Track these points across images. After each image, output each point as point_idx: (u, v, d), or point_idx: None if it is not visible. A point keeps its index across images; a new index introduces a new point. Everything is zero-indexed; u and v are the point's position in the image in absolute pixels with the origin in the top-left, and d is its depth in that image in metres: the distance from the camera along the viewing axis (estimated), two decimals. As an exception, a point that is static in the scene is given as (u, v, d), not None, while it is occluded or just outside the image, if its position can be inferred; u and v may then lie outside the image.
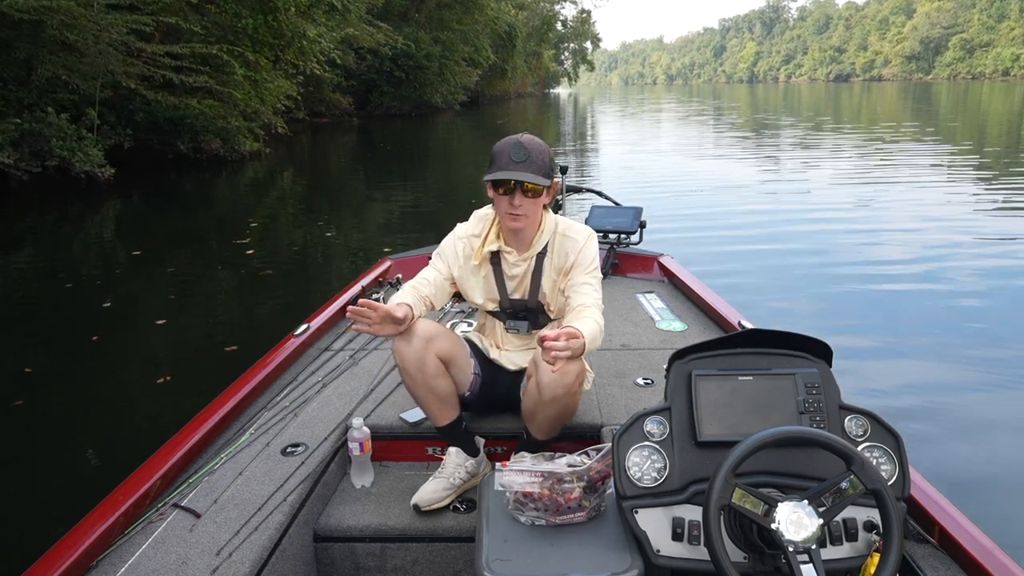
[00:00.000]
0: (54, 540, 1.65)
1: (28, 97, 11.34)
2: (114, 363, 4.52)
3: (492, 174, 1.96)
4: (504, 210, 1.99)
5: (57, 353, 4.73)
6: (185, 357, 4.59)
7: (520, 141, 1.96)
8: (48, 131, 10.73)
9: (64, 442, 3.43)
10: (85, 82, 12.09)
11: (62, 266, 7.10)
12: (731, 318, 3.00)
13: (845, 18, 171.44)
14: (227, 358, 4.39)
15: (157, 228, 9.13)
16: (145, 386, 4.08)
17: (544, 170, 1.96)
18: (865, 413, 1.57)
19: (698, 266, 4.57)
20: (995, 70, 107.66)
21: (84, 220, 9.93)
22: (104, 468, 3.28)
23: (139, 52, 12.70)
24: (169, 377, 4.12)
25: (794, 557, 1.28)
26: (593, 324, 1.92)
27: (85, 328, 5.10)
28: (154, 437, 2.15)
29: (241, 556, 1.67)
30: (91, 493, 1.91)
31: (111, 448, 3.43)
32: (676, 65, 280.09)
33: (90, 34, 11.45)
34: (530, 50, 63.21)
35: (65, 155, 10.84)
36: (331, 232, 8.32)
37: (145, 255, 7.42)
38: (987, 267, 6.10)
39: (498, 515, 1.66)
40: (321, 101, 26.07)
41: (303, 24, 15.88)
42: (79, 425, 3.63)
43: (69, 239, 8.64)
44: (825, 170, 12.43)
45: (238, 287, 6.19)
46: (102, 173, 11.32)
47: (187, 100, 13.61)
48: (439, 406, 2.08)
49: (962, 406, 3.66)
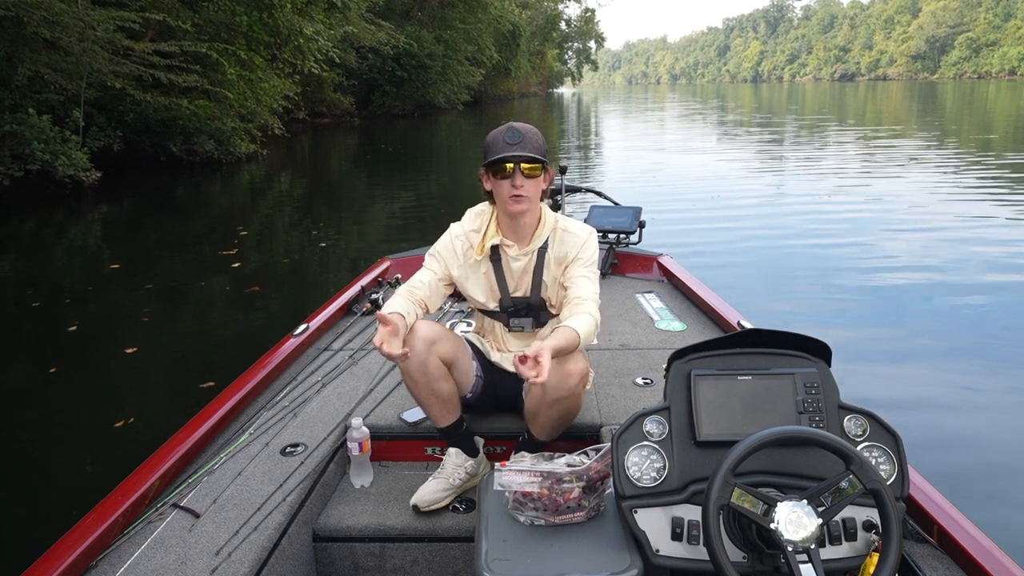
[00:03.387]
0: (53, 540, 1.65)
1: (9, 98, 10.87)
2: (69, 401, 3.95)
3: (489, 159, 1.96)
4: (505, 194, 1.98)
5: (3, 389, 4.17)
6: (152, 395, 4.05)
7: (513, 125, 1.97)
8: (29, 133, 10.22)
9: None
10: (69, 82, 11.63)
11: (33, 281, 6.57)
12: (730, 318, 3.00)
13: (850, 17, 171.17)
14: (201, 396, 3.36)
15: (141, 237, 8.67)
16: (99, 430, 3.55)
17: (540, 150, 1.96)
18: (864, 413, 1.57)
19: (697, 266, 4.56)
20: (1001, 69, 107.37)
21: (67, 228, 9.44)
22: (34, 528, 2.81)
23: (126, 51, 12.22)
24: (132, 419, 3.61)
25: (793, 557, 1.28)
26: (588, 319, 1.91)
27: (43, 357, 4.55)
28: (88, 499, 1.88)
29: (240, 556, 1.67)
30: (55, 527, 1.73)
31: (45, 503, 2.97)
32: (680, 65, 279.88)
33: (74, 31, 11.05)
34: (534, 49, 63.19)
35: (47, 159, 10.31)
36: (325, 243, 7.84)
37: (124, 268, 6.95)
38: (988, 268, 6.08)
39: (497, 515, 1.66)
40: (322, 101, 26.07)
41: (300, 22, 15.59)
42: (16, 475, 3.21)
43: (47, 249, 8.10)
44: (825, 170, 12.41)
45: (221, 306, 5.71)
46: (87, 177, 10.80)
47: (178, 100, 13.20)
48: (441, 408, 2.07)
49: (962, 406, 3.65)
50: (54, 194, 10.57)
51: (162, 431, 2.18)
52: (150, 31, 13.23)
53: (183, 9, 13.78)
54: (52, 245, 8.35)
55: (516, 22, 48.71)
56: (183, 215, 10.20)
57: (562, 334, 1.82)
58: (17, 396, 4.08)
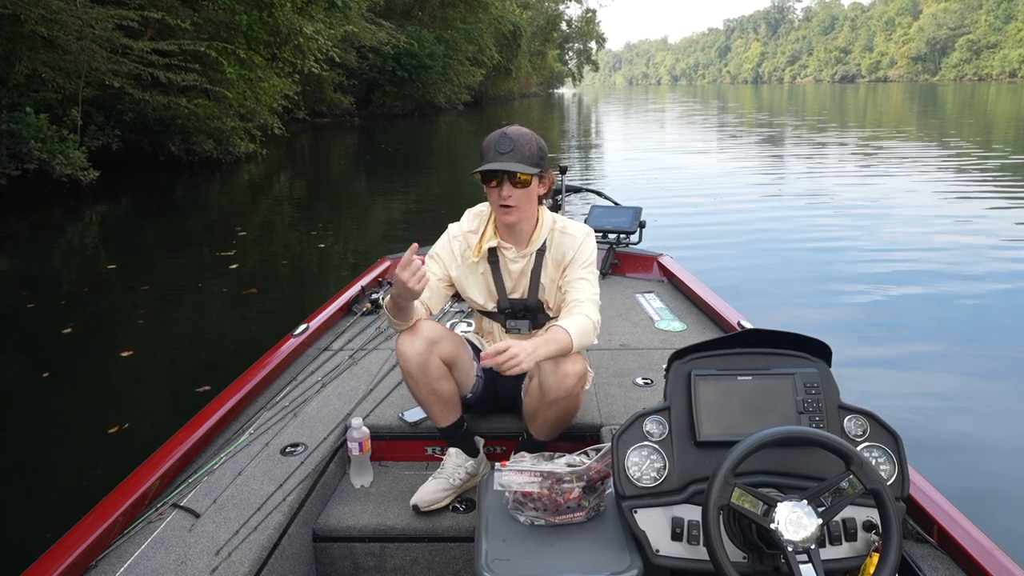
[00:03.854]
0: (53, 540, 1.65)
1: (6, 96, 10.74)
2: (63, 406, 3.85)
3: (480, 168, 1.95)
4: (496, 203, 1.98)
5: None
6: (146, 400, 3.96)
7: (506, 132, 1.95)
8: (27, 132, 10.08)
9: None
10: (67, 80, 11.49)
11: (29, 281, 6.47)
12: (730, 318, 3.00)
13: (851, 19, 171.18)
14: (196, 401, 3.14)
15: (139, 237, 8.55)
16: (91, 438, 3.45)
17: (531, 159, 1.93)
18: (864, 413, 1.57)
19: (697, 266, 4.55)
20: (1002, 71, 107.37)
21: (64, 228, 9.29)
22: (34, 528, 2.77)
23: (124, 49, 12.07)
24: (127, 425, 3.53)
25: (793, 557, 1.28)
26: (583, 320, 1.91)
27: (38, 361, 4.47)
28: (87, 499, 1.88)
29: (240, 556, 1.67)
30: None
31: (34, 514, 2.91)
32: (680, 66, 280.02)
33: (72, 30, 10.91)
34: (535, 50, 63.23)
35: (45, 157, 10.18)
36: (324, 243, 7.74)
37: (121, 269, 6.85)
38: (989, 268, 6.08)
39: (497, 515, 1.66)
40: (322, 101, 26.04)
41: (300, 21, 15.47)
42: (15, 475, 3.18)
43: (44, 250, 7.98)
44: (825, 170, 12.40)
45: (218, 309, 5.61)
46: (84, 176, 10.70)
47: (177, 100, 13.06)
48: (441, 408, 2.07)
49: (962, 406, 3.65)
50: (52, 193, 10.47)
51: (155, 438, 2.14)
52: (149, 30, 13.12)
53: (183, 8, 13.66)
54: (48, 245, 8.24)
55: (517, 22, 48.74)
56: (181, 214, 10.12)
57: (550, 334, 1.84)
58: (14, 397, 4.03)
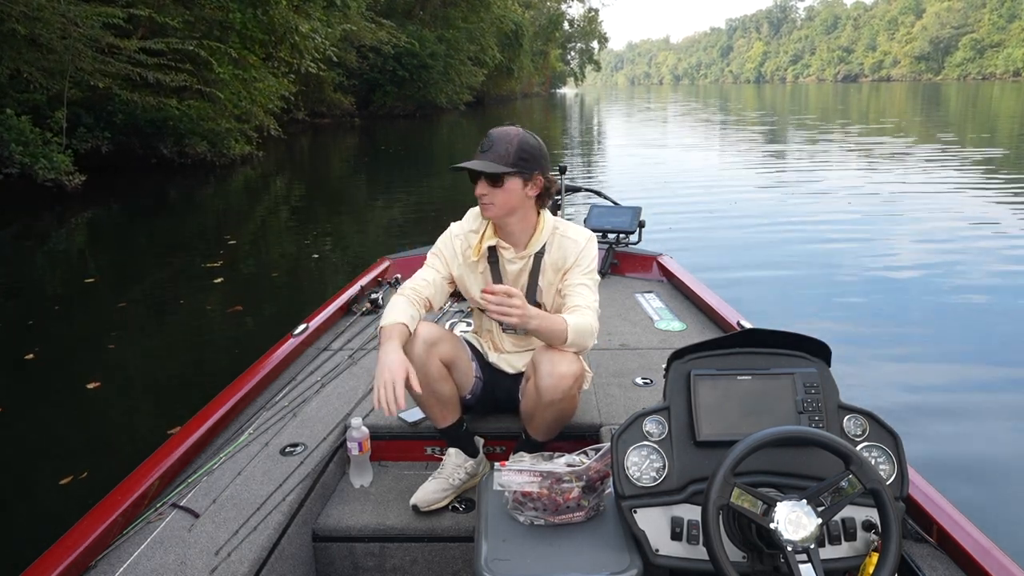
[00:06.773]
0: (52, 540, 1.65)
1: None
2: (14, 451, 3.39)
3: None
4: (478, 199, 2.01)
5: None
6: (110, 443, 3.47)
7: (492, 131, 1.97)
8: (8, 135, 9.65)
9: None
10: (52, 81, 11.08)
11: (8, 292, 6.07)
12: (730, 318, 3.00)
13: (853, 18, 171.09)
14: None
15: (124, 245, 8.14)
16: (43, 486, 3.05)
17: (505, 159, 1.92)
18: (864, 413, 1.57)
19: (697, 266, 4.55)
20: (1006, 70, 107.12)
21: (47, 236, 8.76)
22: (34, 528, 2.61)
23: (112, 49, 11.63)
24: (84, 474, 3.07)
25: (793, 557, 1.28)
26: (583, 320, 1.92)
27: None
28: (98, 489, 1.83)
29: (240, 556, 1.67)
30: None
31: (45, 503, 2.78)
32: (683, 65, 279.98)
33: (56, 28, 10.50)
34: (537, 49, 63.20)
35: (27, 162, 9.73)
36: (319, 253, 7.32)
37: (99, 283, 6.38)
38: (990, 269, 6.07)
39: (497, 515, 1.66)
40: (322, 101, 25.97)
41: (296, 19, 15.08)
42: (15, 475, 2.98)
43: (22, 260, 7.49)
44: (826, 170, 12.38)
45: (198, 329, 5.11)
46: (69, 181, 10.28)
47: (168, 100, 12.64)
48: (441, 409, 2.07)
49: (962, 406, 3.64)
50: (36, 198, 10.10)
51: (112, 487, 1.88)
52: (141, 28, 12.82)
53: (174, 5, 13.26)
54: (27, 255, 7.77)
55: (519, 22, 48.65)
56: (171, 220, 9.78)
57: (551, 316, 1.89)
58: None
